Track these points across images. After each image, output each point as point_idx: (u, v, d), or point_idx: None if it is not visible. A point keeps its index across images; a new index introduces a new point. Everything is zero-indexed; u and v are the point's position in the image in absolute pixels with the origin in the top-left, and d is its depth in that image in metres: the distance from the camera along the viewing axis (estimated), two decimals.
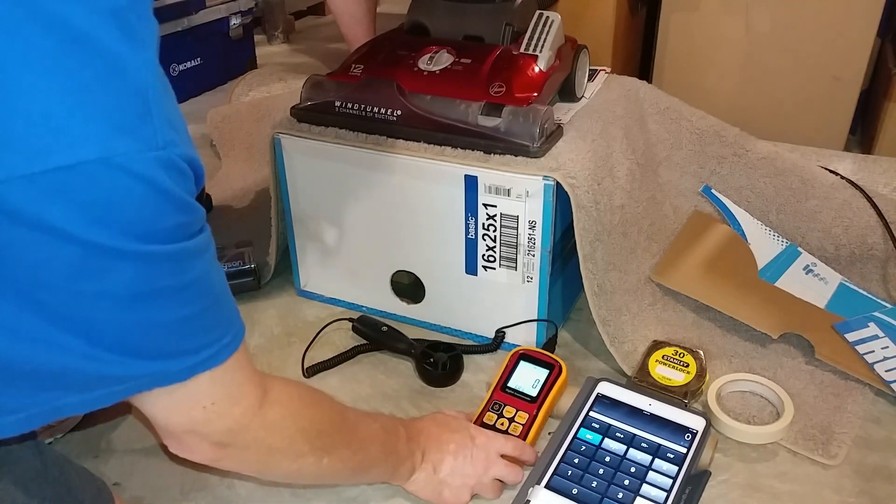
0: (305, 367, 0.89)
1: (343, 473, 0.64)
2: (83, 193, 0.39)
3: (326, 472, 0.61)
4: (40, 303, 0.41)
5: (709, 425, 0.74)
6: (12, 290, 0.41)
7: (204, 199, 1.22)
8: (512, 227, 0.84)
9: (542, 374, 0.82)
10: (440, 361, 0.87)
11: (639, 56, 1.72)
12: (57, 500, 0.55)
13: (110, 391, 0.46)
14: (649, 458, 0.72)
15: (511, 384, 0.81)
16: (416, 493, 0.71)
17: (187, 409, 0.51)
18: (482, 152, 0.83)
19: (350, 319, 0.95)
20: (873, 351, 0.86)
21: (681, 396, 0.80)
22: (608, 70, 1.07)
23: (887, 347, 0.86)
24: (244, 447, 0.55)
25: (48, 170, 0.38)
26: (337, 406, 0.64)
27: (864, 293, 0.97)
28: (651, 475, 0.70)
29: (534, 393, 0.80)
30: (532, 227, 0.83)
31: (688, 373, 0.82)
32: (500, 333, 0.91)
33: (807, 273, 1.00)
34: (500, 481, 0.72)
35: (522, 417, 0.78)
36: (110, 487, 0.64)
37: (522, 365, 0.83)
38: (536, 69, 0.87)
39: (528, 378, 0.82)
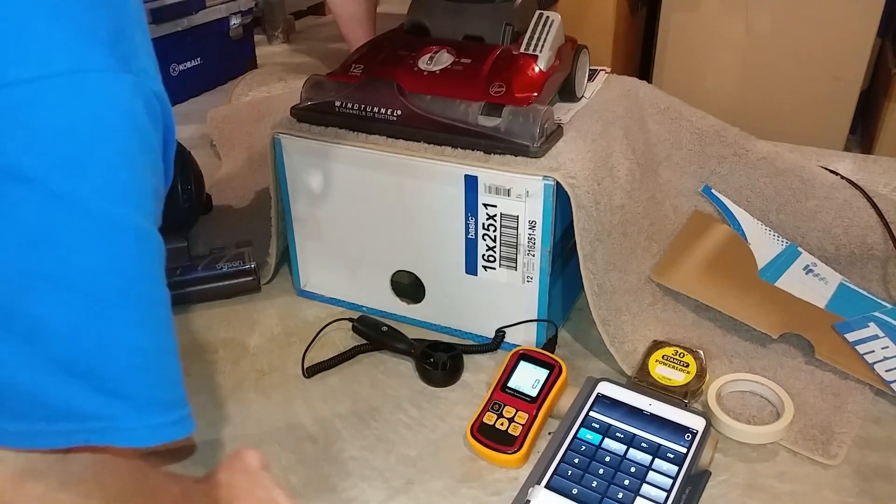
0: (305, 367, 0.89)
1: None
2: (50, 117, 0.29)
3: None
4: None
5: (709, 425, 0.74)
6: None
7: (204, 199, 1.22)
8: (512, 227, 0.84)
9: (542, 374, 0.82)
10: (440, 361, 0.87)
11: (639, 56, 1.72)
12: None
13: (52, 428, 0.36)
14: (649, 458, 0.72)
15: (511, 384, 0.81)
16: None
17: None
18: (482, 152, 0.83)
19: (350, 319, 0.95)
20: (873, 351, 0.86)
21: (681, 396, 0.80)
22: (608, 70, 1.07)
23: (887, 347, 0.86)
24: None
25: (4, 83, 0.29)
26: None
27: (864, 293, 0.97)
28: (651, 475, 0.70)
29: (534, 393, 0.80)
30: (532, 227, 0.83)
31: (688, 373, 0.82)
32: (500, 333, 0.91)
33: (807, 273, 1.00)
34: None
35: (522, 417, 0.78)
36: None
37: (522, 365, 0.83)
38: (536, 69, 0.87)
39: (528, 378, 0.82)
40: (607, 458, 0.72)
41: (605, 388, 0.79)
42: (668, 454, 0.72)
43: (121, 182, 0.31)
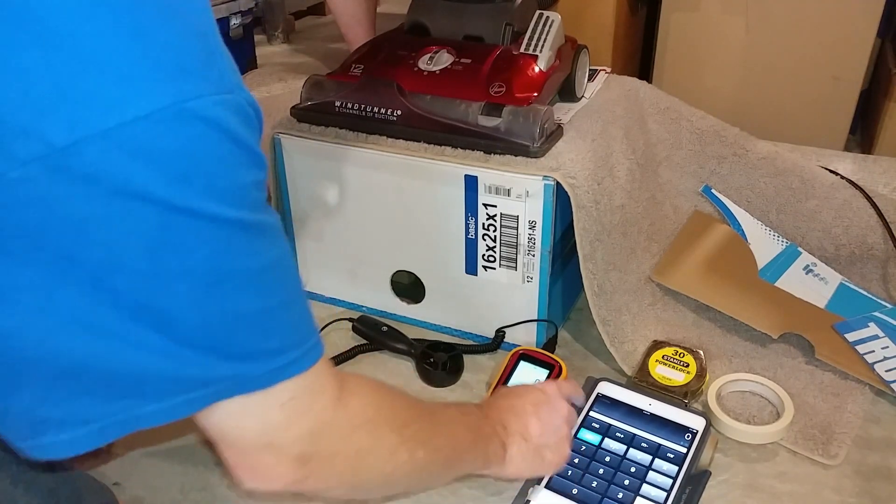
0: None
1: (437, 468, 0.58)
2: (161, 145, 0.35)
3: (422, 468, 0.55)
4: (116, 291, 0.37)
5: (709, 425, 0.74)
6: (88, 278, 0.37)
7: None
8: (512, 227, 0.84)
9: (542, 374, 0.82)
10: (440, 361, 0.87)
11: (639, 56, 1.72)
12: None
13: (189, 398, 0.42)
14: (649, 457, 0.72)
15: (511, 384, 0.81)
16: (520, 474, 0.65)
17: (263, 411, 0.45)
18: (482, 152, 0.83)
19: (350, 319, 0.95)
20: (873, 351, 0.86)
21: (681, 396, 0.80)
22: (608, 70, 1.07)
23: (887, 347, 0.86)
24: (329, 456, 0.49)
25: (124, 122, 0.34)
26: (415, 399, 0.58)
27: (864, 293, 0.97)
28: (651, 475, 0.70)
29: None
30: (532, 227, 0.83)
31: (688, 373, 0.82)
32: (500, 333, 0.91)
33: (807, 273, 1.00)
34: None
35: None
36: (110, 487, 0.64)
37: (522, 365, 0.83)
38: (536, 69, 0.87)
39: (528, 378, 0.82)
40: (607, 458, 0.72)
41: (605, 388, 0.79)
42: (668, 454, 0.72)
43: (219, 187, 0.38)
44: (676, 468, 0.70)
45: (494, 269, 0.88)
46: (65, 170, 0.34)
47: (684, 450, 0.72)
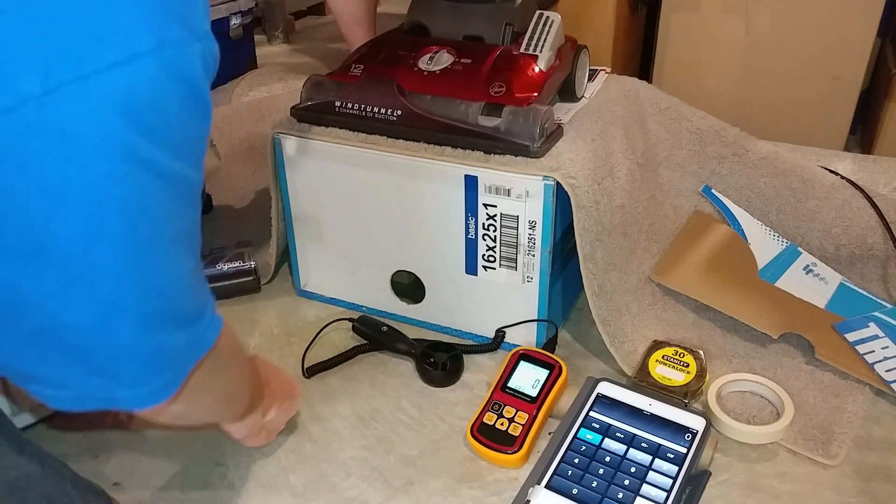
0: (305, 367, 0.89)
1: (228, 393, 0.62)
2: (137, 95, 0.34)
3: (229, 385, 0.60)
4: (53, 249, 0.36)
5: (709, 425, 0.74)
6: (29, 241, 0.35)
7: (204, 199, 1.22)
8: (512, 227, 0.84)
9: (542, 374, 0.82)
10: (440, 361, 0.87)
11: (639, 56, 1.72)
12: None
13: (164, 381, 0.43)
14: (649, 458, 0.72)
15: (511, 384, 0.81)
16: (235, 433, 0.71)
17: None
18: (482, 152, 0.83)
19: (350, 319, 0.95)
20: (873, 351, 0.86)
21: (681, 396, 0.80)
22: (608, 70, 1.07)
23: (887, 347, 0.86)
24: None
25: (101, 68, 0.33)
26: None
27: (864, 293, 0.97)
28: (651, 475, 0.70)
29: (534, 393, 0.80)
30: (532, 227, 0.83)
31: (688, 373, 0.82)
32: (500, 333, 0.91)
33: (807, 273, 1.00)
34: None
35: (522, 417, 0.78)
36: (110, 487, 0.64)
37: (522, 365, 0.83)
38: (536, 69, 0.87)
39: (528, 378, 0.82)
40: (607, 458, 0.72)
41: (605, 388, 0.79)
42: (668, 454, 0.72)
43: (173, 141, 0.37)
44: (676, 468, 0.70)
45: (494, 269, 0.88)
46: (40, 124, 0.32)
47: (684, 450, 0.72)
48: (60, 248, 0.35)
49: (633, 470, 0.71)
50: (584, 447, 0.73)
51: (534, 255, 0.85)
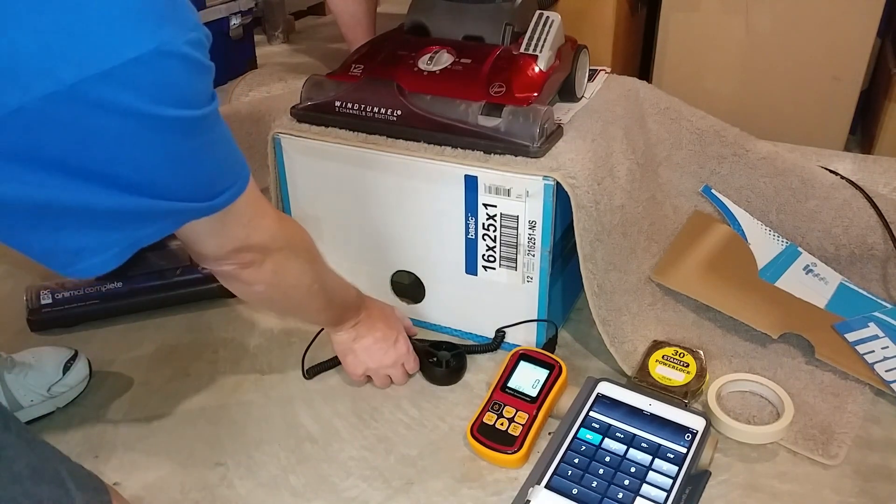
0: (305, 367, 0.89)
1: (320, 291, 0.76)
2: (147, 79, 0.48)
3: (317, 286, 0.74)
4: (117, 176, 0.50)
5: (709, 425, 0.74)
6: (96, 172, 0.49)
7: None
8: (512, 227, 0.84)
9: (542, 374, 0.82)
10: (444, 360, 0.87)
11: (639, 56, 1.72)
12: (52, 498, 0.55)
13: (175, 221, 0.58)
14: (649, 458, 0.72)
15: (511, 384, 0.81)
16: (333, 344, 0.85)
17: (232, 230, 0.63)
18: (482, 152, 0.83)
19: None
20: (873, 351, 0.86)
21: (681, 396, 0.80)
22: (608, 70, 1.07)
23: (887, 347, 0.86)
24: (280, 256, 0.68)
25: (119, 64, 0.46)
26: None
27: (864, 293, 0.97)
28: (651, 475, 0.70)
29: (534, 393, 0.80)
30: (532, 227, 0.83)
31: (688, 373, 0.82)
32: (500, 333, 0.91)
33: (807, 273, 1.00)
34: (389, 378, 0.86)
35: (522, 417, 0.78)
36: (111, 486, 0.64)
37: (522, 365, 0.83)
38: (536, 69, 0.87)
39: (528, 378, 0.82)
40: (607, 458, 0.72)
41: (605, 388, 0.79)
42: (668, 454, 0.72)
43: (185, 98, 0.51)
44: (676, 468, 0.70)
45: (494, 269, 0.88)
46: (75, 100, 0.46)
47: (684, 450, 0.72)
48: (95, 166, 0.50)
49: (633, 470, 0.71)
50: (584, 447, 0.73)
51: (534, 255, 0.85)
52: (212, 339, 0.95)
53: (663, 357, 0.84)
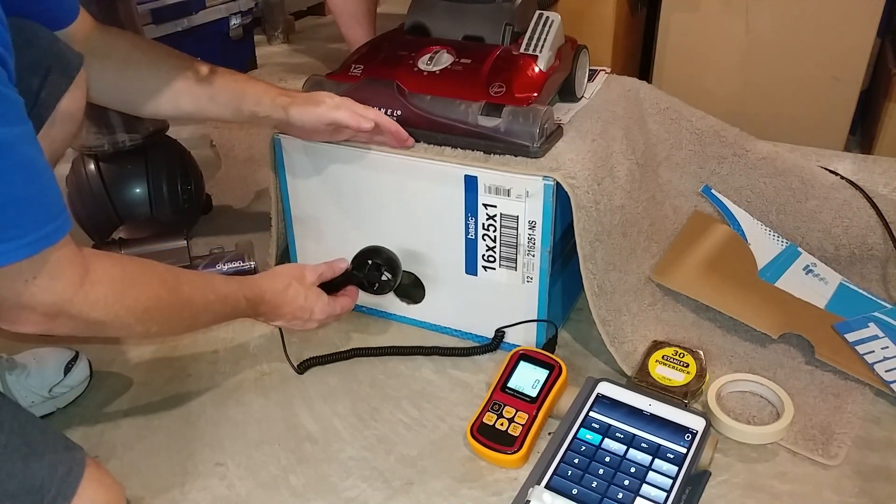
0: (296, 362, 0.89)
1: (175, 332, 0.76)
2: None
3: (156, 335, 0.71)
4: None
5: (709, 425, 0.74)
6: None
7: (204, 199, 1.22)
8: (512, 228, 0.84)
9: (542, 374, 0.82)
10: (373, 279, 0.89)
11: (639, 56, 1.72)
12: (7, 447, 0.55)
13: None
14: (649, 458, 0.72)
15: (511, 384, 0.81)
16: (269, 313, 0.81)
17: (10, 282, 0.55)
18: (482, 152, 0.83)
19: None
20: (873, 351, 0.86)
21: (681, 396, 0.80)
22: (608, 70, 1.07)
23: (887, 347, 0.86)
24: (72, 318, 0.59)
25: None
26: (170, 281, 0.68)
27: (864, 293, 0.97)
28: (651, 475, 0.70)
29: (534, 393, 0.80)
30: (532, 228, 0.83)
31: (688, 373, 0.82)
32: (500, 333, 0.91)
33: (807, 273, 1.00)
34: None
35: (522, 417, 0.78)
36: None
37: (522, 365, 0.83)
38: (536, 69, 0.87)
39: (527, 378, 0.82)
40: (607, 459, 0.72)
41: (605, 389, 0.79)
42: (668, 454, 0.72)
43: None
44: (676, 468, 0.70)
45: (494, 269, 0.88)
46: None
47: (684, 450, 0.72)
48: None
49: (632, 470, 0.71)
50: (584, 447, 0.73)
51: (534, 256, 0.85)
52: (212, 339, 0.95)
53: (663, 357, 0.84)
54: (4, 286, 0.55)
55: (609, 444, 0.73)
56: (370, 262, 0.89)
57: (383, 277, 0.89)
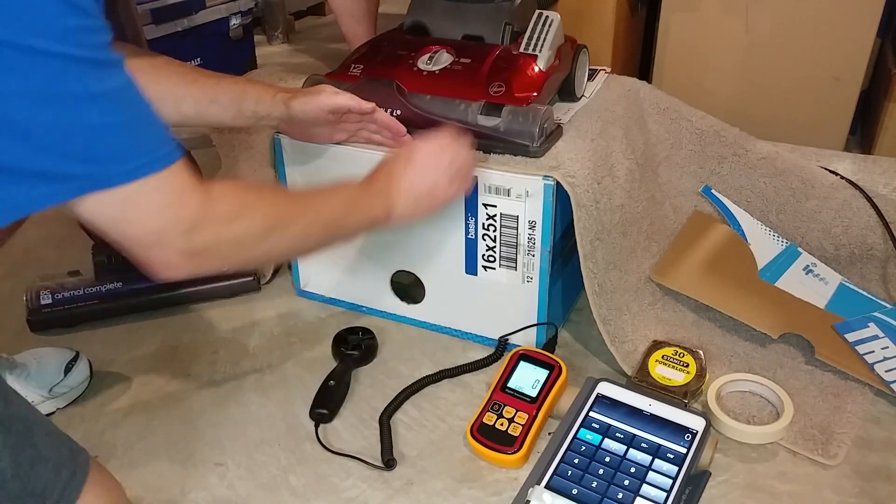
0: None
1: (317, 233, 0.68)
2: (12, 7, 0.45)
3: (299, 238, 0.66)
4: None
5: (709, 425, 0.74)
6: None
7: None
8: (512, 227, 0.84)
9: (542, 374, 0.82)
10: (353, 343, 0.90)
11: (639, 56, 1.72)
12: (14, 449, 0.55)
13: (53, 190, 0.51)
14: (649, 458, 0.72)
15: (511, 384, 0.81)
16: (408, 217, 0.74)
17: (142, 218, 0.54)
18: (482, 152, 0.83)
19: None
20: (873, 351, 0.86)
21: (681, 396, 0.80)
22: (608, 70, 1.07)
23: (887, 347, 0.86)
24: (212, 246, 0.58)
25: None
26: (282, 189, 0.70)
27: (864, 293, 0.97)
28: (651, 475, 0.70)
29: (534, 393, 0.80)
30: (532, 227, 0.83)
31: (688, 373, 0.82)
32: (503, 340, 0.90)
33: (807, 273, 1.00)
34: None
35: (522, 418, 0.78)
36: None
37: (522, 365, 0.83)
38: (536, 69, 0.87)
39: (527, 378, 0.82)
40: (607, 459, 0.72)
41: (605, 389, 0.79)
42: (668, 454, 0.72)
43: (49, 31, 0.48)
44: (676, 468, 0.70)
45: (494, 269, 0.88)
46: None
47: (684, 450, 0.72)
48: None
49: (632, 470, 0.71)
50: (584, 447, 0.73)
51: (534, 255, 0.85)
52: (212, 339, 0.95)
53: (663, 357, 0.84)
54: (136, 223, 0.54)
55: (609, 444, 0.73)
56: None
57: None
